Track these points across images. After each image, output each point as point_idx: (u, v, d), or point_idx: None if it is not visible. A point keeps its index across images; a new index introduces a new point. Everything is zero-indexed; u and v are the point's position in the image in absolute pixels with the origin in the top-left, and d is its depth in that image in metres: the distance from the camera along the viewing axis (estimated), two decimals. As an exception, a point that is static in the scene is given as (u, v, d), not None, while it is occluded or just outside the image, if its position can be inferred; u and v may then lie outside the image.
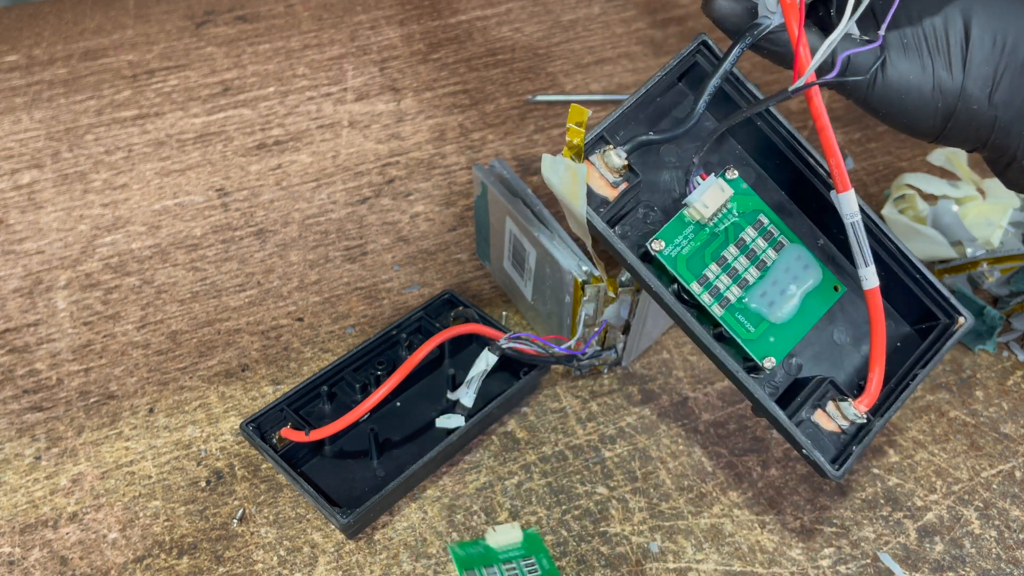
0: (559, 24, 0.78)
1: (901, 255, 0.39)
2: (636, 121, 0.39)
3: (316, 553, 0.43)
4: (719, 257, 0.38)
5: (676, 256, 0.37)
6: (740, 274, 0.38)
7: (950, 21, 0.34)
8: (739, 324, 0.37)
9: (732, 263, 0.38)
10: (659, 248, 0.37)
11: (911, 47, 0.34)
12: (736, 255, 0.38)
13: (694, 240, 0.37)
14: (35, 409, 0.49)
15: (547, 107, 0.69)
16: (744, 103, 0.39)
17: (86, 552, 0.43)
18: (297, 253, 0.57)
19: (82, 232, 0.59)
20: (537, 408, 0.48)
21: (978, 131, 0.36)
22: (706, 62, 0.38)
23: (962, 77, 0.34)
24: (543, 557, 0.42)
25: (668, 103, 0.40)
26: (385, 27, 0.78)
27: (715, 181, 0.37)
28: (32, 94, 0.71)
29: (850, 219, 0.36)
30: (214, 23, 0.78)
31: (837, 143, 0.34)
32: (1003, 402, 0.48)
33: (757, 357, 0.37)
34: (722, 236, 0.38)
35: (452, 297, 0.51)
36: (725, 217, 0.38)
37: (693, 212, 0.37)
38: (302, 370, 0.50)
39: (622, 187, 0.36)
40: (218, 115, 0.68)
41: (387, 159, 0.64)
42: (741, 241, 0.38)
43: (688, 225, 0.37)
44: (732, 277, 0.37)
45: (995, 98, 0.35)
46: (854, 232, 0.36)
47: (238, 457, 0.46)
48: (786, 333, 0.38)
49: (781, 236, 0.39)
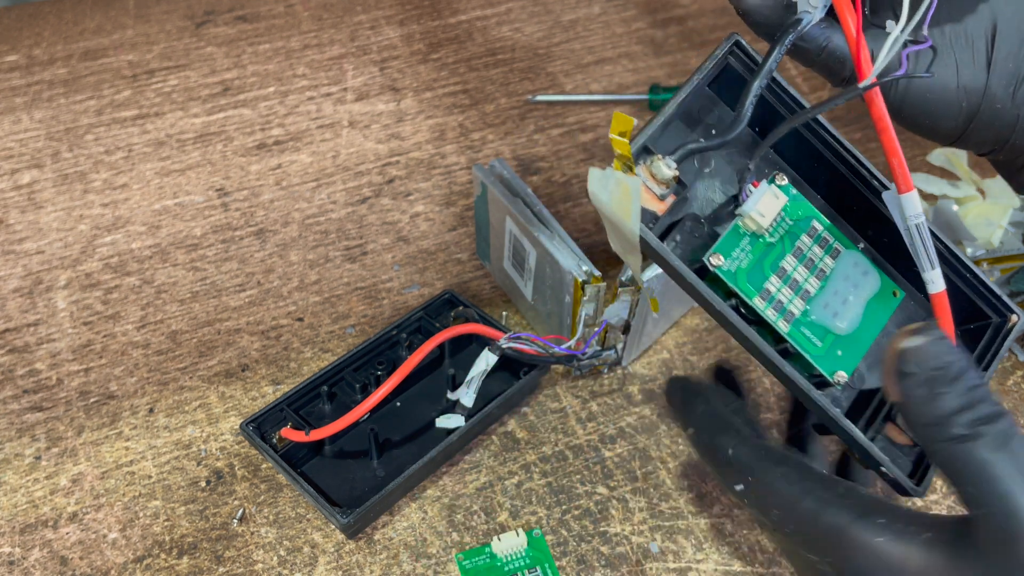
0: (559, 24, 0.78)
1: (947, 250, 0.37)
2: (674, 129, 0.36)
3: (316, 553, 0.43)
4: (779, 268, 0.35)
5: (736, 270, 0.34)
6: (801, 285, 0.35)
7: (978, 18, 0.33)
8: (806, 339, 0.35)
9: (792, 274, 0.35)
10: (718, 263, 0.34)
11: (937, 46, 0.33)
12: (795, 265, 0.35)
13: (752, 252, 0.35)
14: (35, 409, 0.49)
15: (547, 107, 0.69)
16: (781, 106, 0.36)
17: (86, 552, 0.43)
18: (297, 253, 0.57)
19: (82, 232, 0.59)
20: (537, 408, 0.48)
21: (999, 131, 0.35)
22: (739, 64, 0.36)
23: (986, 75, 0.34)
24: (548, 567, 0.42)
25: (698, 109, 0.37)
26: (385, 27, 0.78)
27: (768, 188, 0.35)
28: (32, 94, 0.71)
29: (914, 220, 0.33)
30: (214, 23, 0.78)
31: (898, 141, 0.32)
32: (1003, 402, 0.48)
33: (828, 373, 0.35)
34: (779, 246, 0.35)
35: (452, 297, 0.51)
36: (780, 226, 0.36)
37: (749, 222, 0.35)
38: (302, 370, 0.50)
39: (670, 200, 0.34)
40: (218, 115, 0.68)
41: (387, 159, 0.64)
42: (798, 250, 0.36)
43: (744, 236, 0.35)
44: (794, 289, 0.35)
45: (1018, 96, 0.34)
46: (918, 234, 0.33)
47: (238, 457, 0.46)
48: (852, 345, 0.36)
49: (836, 242, 0.36)
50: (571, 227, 0.59)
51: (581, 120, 0.67)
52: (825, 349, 0.35)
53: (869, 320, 0.36)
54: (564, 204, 0.60)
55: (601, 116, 0.68)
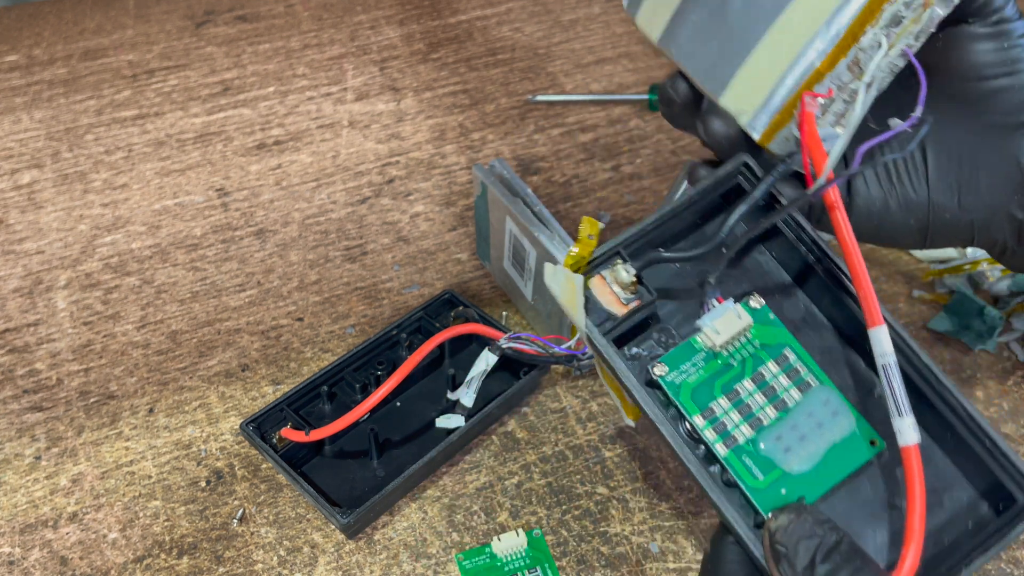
0: (559, 24, 0.78)
1: (964, 412, 0.33)
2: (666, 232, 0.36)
3: (316, 553, 0.43)
4: (731, 390, 0.34)
5: (680, 383, 0.33)
6: (753, 412, 0.33)
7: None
8: (745, 468, 0.32)
9: (745, 399, 0.33)
10: (661, 373, 0.33)
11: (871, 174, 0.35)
12: (751, 391, 0.34)
13: (703, 369, 0.34)
14: (35, 409, 0.49)
15: (547, 107, 0.69)
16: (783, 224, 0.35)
17: (86, 552, 0.43)
18: (297, 253, 0.57)
19: (82, 232, 0.59)
20: (537, 408, 0.48)
21: (960, 234, 0.36)
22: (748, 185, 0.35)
23: (926, 190, 0.35)
24: (548, 567, 0.42)
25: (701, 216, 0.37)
26: (385, 27, 0.78)
27: (731, 307, 0.34)
28: (32, 94, 0.71)
29: (881, 360, 0.31)
30: (214, 23, 0.78)
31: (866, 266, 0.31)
32: (1003, 402, 0.48)
33: (763, 509, 0.32)
34: (737, 368, 0.34)
35: (452, 297, 0.51)
36: (743, 348, 0.34)
37: (704, 338, 0.34)
38: (302, 370, 0.50)
39: (633, 304, 0.34)
40: (218, 115, 0.68)
41: (387, 159, 0.64)
42: (759, 376, 0.34)
43: (698, 352, 0.34)
44: (744, 414, 0.33)
45: (963, 202, 0.35)
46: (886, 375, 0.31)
47: (238, 457, 0.46)
48: (802, 487, 0.32)
49: (809, 375, 0.34)
50: (571, 227, 0.59)
51: (581, 120, 0.67)
52: (767, 484, 0.32)
53: (829, 465, 0.33)
54: (564, 204, 0.60)
55: (601, 116, 0.68)
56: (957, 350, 0.51)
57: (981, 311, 0.51)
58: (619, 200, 0.60)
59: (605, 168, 0.63)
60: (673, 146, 0.65)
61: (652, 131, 0.66)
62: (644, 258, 0.34)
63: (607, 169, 0.63)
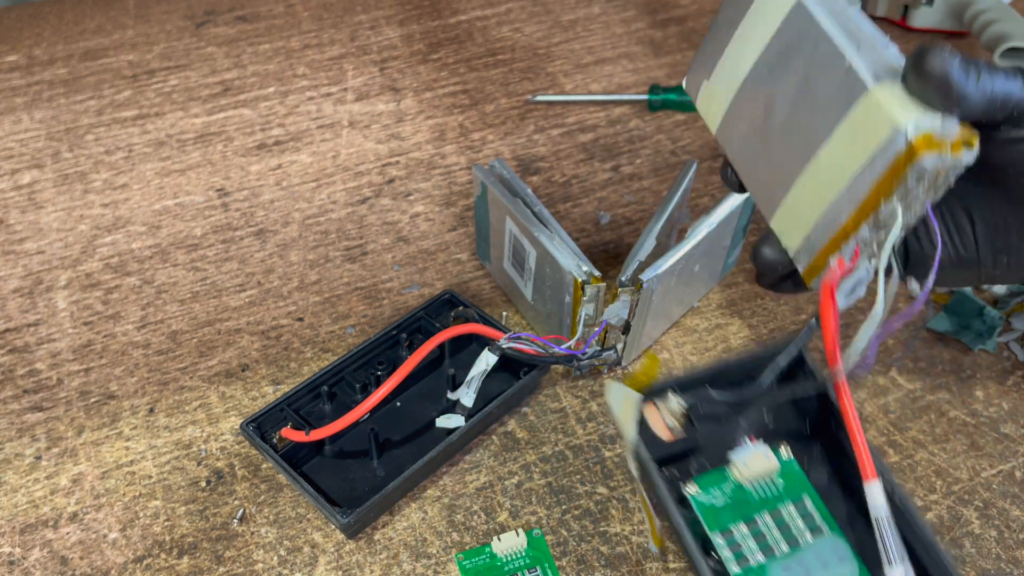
0: (559, 24, 0.78)
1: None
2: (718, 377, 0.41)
3: (316, 553, 0.43)
4: (751, 519, 0.38)
5: (708, 504, 0.38)
6: (767, 542, 0.38)
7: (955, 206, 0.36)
8: None
9: (762, 529, 0.38)
10: (692, 491, 0.38)
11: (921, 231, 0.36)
12: (769, 524, 0.38)
13: (730, 496, 0.38)
14: (35, 409, 0.49)
15: (547, 107, 0.69)
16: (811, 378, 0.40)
17: (86, 552, 0.43)
18: (297, 253, 0.58)
19: (82, 232, 0.59)
20: (537, 408, 0.48)
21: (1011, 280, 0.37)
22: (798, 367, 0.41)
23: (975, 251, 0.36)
24: (547, 567, 0.42)
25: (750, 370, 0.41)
26: (385, 27, 0.78)
27: (762, 449, 0.39)
28: (32, 94, 0.71)
29: (875, 512, 0.34)
30: (214, 23, 0.78)
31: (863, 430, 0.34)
32: (1003, 402, 0.48)
33: None
34: (759, 502, 0.39)
35: (452, 297, 0.51)
36: (768, 486, 0.39)
37: (734, 470, 0.39)
38: (302, 370, 0.50)
39: (679, 434, 0.39)
40: (218, 115, 0.68)
41: (387, 159, 0.64)
42: (778, 513, 0.38)
43: (727, 480, 0.39)
44: (758, 541, 0.38)
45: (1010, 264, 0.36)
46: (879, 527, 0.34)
47: (238, 457, 0.47)
48: None
49: (822, 523, 0.38)
50: (571, 227, 0.59)
51: (581, 120, 0.68)
52: None
53: None
54: (564, 204, 0.60)
55: (601, 116, 0.68)
56: (957, 350, 0.51)
57: (981, 311, 0.51)
58: (619, 200, 0.61)
59: (605, 168, 0.63)
60: (673, 147, 0.65)
61: (652, 131, 0.66)
62: (694, 396, 0.39)
63: (607, 169, 0.63)
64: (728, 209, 0.48)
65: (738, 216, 0.50)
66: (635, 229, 0.58)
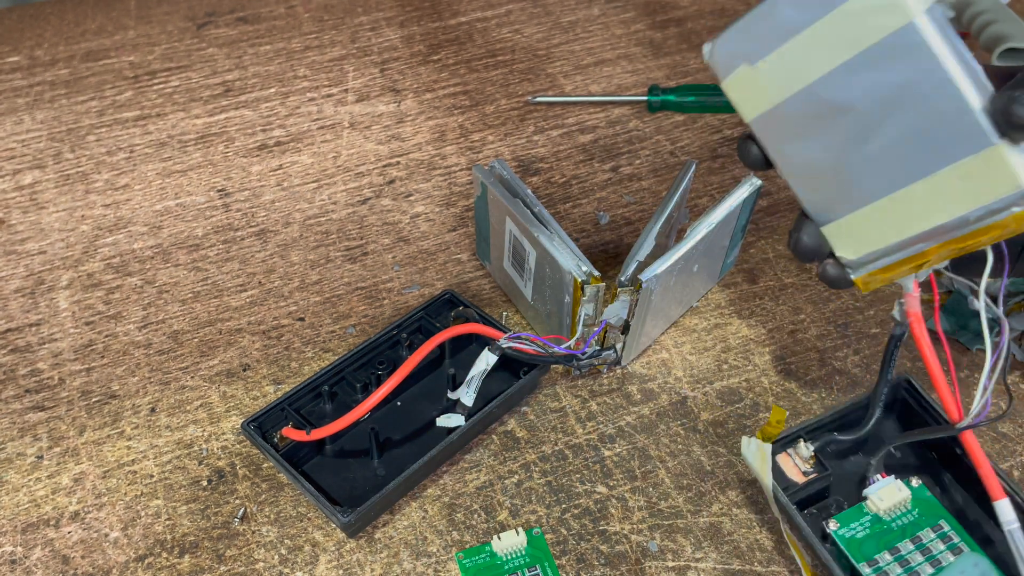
0: (559, 25, 0.78)
1: None
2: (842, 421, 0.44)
3: (317, 552, 0.43)
4: (892, 547, 0.40)
5: (850, 538, 0.40)
6: (912, 567, 0.39)
7: None
8: None
9: (905, 555, 0.40)
10: (834, 528, 0.40)
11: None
12: (911, 549, 0.40)
13: (870, 528, 0.41)
14: (37, 409, 0.49)
15: (547, 108, 0.69)
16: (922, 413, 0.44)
17: (88, 551, 0.43)
18: (298, 253, 0.58)
19: (84, 232, 0.59)
20: (537, 407, 0.49)
21: None
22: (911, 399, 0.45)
23: None
24: (547, 565, 0.42)
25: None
26: (386, 28, 0.78)
27: (893, 481, 0.41)
28: (34, 95, 0.71)
29: (1007, 527, 0.37)
30: (215, 24, 0.79)
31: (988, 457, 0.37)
32: (1001, 402, 0.48)
33: None
34: (899, 531, 0.41)
35: (452, 297, 0.51)
36: (904, 515, 0.41)
37: (871, 504, 0.41)
38: (303, 370, 0.51)
39: (812, 476, 0.42)
40: (219, 116, 0.69)
41: (387, 160, 0.65)
42: (917, 538, 0.40)
43: (866, 515, 0.41)
44: (904, 567, 0.39)
45: None
46: (1012, 539, 0.37)
47: (239, 456, 0.47)
48: None
49: (961, 543, 0.40)
50: (571, 227, 0.59)
51: (580, 121, 0.68)
52: None
53: None
54: (564, 204, 0.61)
55: (600, 117, 0.68)
56: (955, 350, 0.51)
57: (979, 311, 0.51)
58: (618, 201, 0.61)
59: (604, 169, 0.63)
60: (672, 147, 0.65)
61: (651, 132, 0.67)
62: (821, 440, 0.43)
63: (606, 170, 0.63)
64: (727, 209, 0.48)
65: (737, 216, 0.50)
66: (634, 229, 0.59)
